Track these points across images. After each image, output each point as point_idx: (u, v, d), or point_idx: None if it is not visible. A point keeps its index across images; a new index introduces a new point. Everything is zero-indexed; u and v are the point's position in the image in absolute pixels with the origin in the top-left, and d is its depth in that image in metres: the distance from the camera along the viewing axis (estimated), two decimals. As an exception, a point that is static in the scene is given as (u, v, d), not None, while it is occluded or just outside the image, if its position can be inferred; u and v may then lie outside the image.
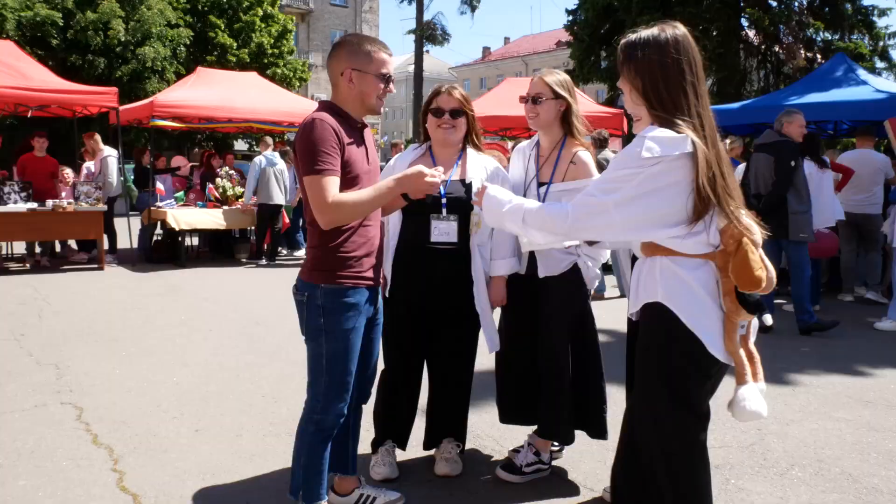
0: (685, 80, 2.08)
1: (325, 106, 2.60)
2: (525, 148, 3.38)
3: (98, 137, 10.71)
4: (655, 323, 2.14)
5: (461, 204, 3.07)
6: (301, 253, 11.40)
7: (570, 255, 3.11)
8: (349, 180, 2.52)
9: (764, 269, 2.04)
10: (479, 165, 3.17)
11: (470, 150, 3.21)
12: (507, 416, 3.43)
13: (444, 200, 3.04)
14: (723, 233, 2.06)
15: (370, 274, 2.64)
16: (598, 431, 3.25)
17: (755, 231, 2.10)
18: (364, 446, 3.22)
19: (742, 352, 2.11)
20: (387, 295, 3.10)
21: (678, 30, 2.13)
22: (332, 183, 2.43)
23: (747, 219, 2.10)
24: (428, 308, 3.14)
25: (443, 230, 3.05)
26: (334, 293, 2.54)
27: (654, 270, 2.14)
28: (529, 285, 3.18)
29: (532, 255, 3.15)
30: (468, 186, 3.08)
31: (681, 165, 2.01)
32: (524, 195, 3.09)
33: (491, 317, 3.19)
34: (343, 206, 2.43)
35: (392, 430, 3.29)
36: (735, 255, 2.04)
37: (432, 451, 3.41)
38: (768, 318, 6.19)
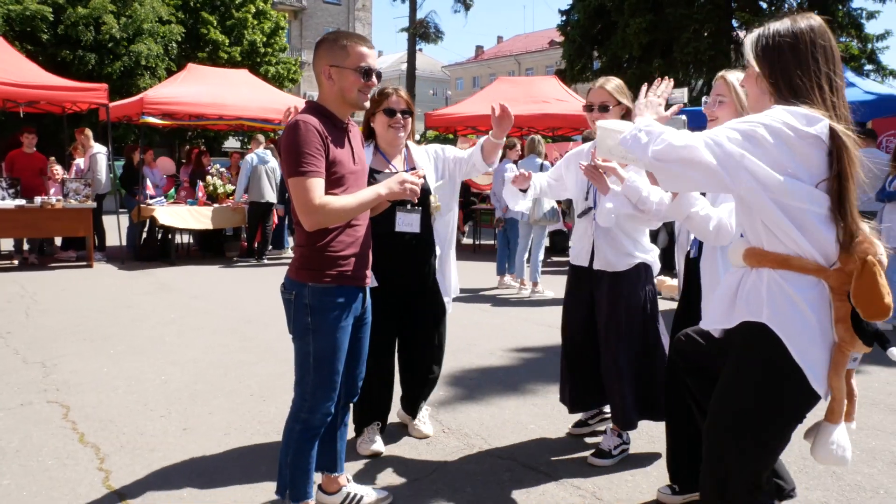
0: (819, 70, 1.89)
1: (310, 107, 2.60)
2: (577, 156, 3.60)
3: (89, 133, 10.66)
4: (754, 348, 1.90)
5: (422, 194, 3.28)
6: (289, 252, 11.36)
7: (626, 255, 3.38)
8: (335, 181, 2.51)
9: (891, 295, 1.78)
10: (421, 154, 3.54)
11: (409, 143, 3.53)
12: (574, 406, 3.68)
13: None
14: (843, 248, 1.80)
15: (358, 273, 2.64)
16: (654, 415, 3.46)
17: (881, 249, 1.83)
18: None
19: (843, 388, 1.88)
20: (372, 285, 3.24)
21: (813, 20, 1.96)
22: (317, 185, 2.42)
23: (872, 234, 1.85)
24: (397, 289, 3.43)
25: (406, 221, 3.37)
26: (322, 292, 2.54)
27: (760, 285, 1.89)
28: (592, 278, 3.47)
29: (593, 248, 3.44)
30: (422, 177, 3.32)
31: (811, 145, 1.79)
32: (586, 200, 3.47)
33: (453, 274, 3.69)
34: (328, 208, 2.43)
35: (373, 413, 3.54)
36: (860, 277, 1.76)
37: (418, 445, 3.41)
38: (895, 352, 5.38)
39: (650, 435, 3.80)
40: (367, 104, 2.67)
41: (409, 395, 3.77)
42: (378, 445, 3.49)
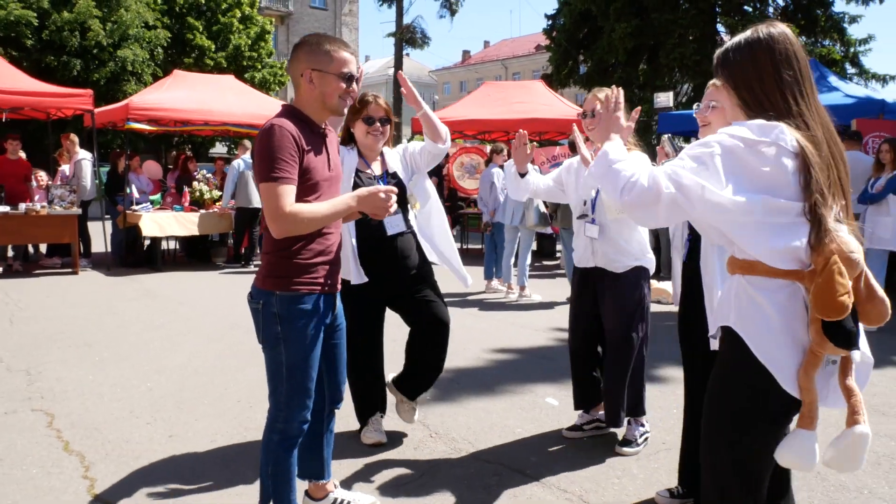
0: (781, 78, 1.88)
1: (286, 111, 2.54)
2: (575, 163, 3.76)
3: (75, 139, 10.59)
4: (728, 352, 1.94)
5: (399, 194, 3.37)
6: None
7: (625, 256, 3.56)
8: (308, 188, 2.46)
9: (849, 294, 1.76)
10: (394, 155, 3.69)
11: (385, 148, 3.67)
12: (580, 404, 3.84)
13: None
14: (813, 250, 1.80)
15: (329, 280, 2.58)
16: (638, 412, 3.69)
17: (853, 247, 1.81)
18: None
19: (843, 392, 1.85)
20: (354, 284, 3.44)
21: (773, 28, 1.94)
22: (288, 192, 2.36)
23: (847, 234, 1.84)
24: (400, 288, 3.59)
25: (394, 223, 3.53)
26: (290, 300, 2.48)
27: (730, 291, 1.95)
28: (596, 279, 3.65)
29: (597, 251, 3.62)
30: (395, 174, 3.59)
31: (775, 155, 1.79)
32: (584, 205, 3.66)
33: (457, 258, 3.83)
34: (298, 217, 2.36)
35: (373, 405, 3.73)
36: (819, 276, 1.77)
37: (405, 450, 3.41)
38: (857, 356, 4.94)
39: (637, 437, 3.82)
40: (346, 111, 2.64)
41: (416, 379, 3.76)
42: (380, 435, 3.67)
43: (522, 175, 3.69)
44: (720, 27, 20.83)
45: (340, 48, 2.50)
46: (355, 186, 3.41)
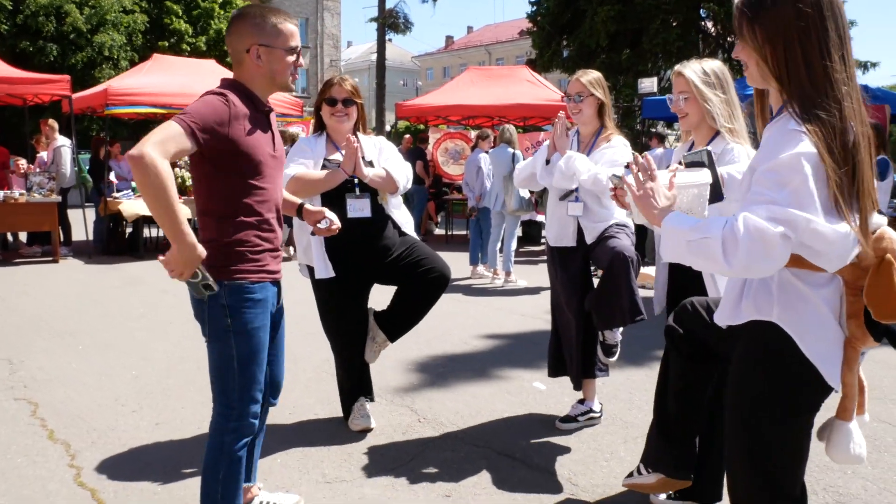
0: (830, 42, 1.62)
1: (230, 84, 2.38)
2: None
3: (54, 124, 10.39)
4: (762, 343, 1.81)
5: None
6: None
7: (604, 221, 3.57)
8: (254, 166, 2.34)
9: None
10: (370, 144, 3.64)
11: (360, 134, 3.60)
12: (553, 371, 3.89)
13: (356, 181, 3.45)
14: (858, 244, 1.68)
15: (274, 266, 2.48)
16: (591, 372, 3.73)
17: None
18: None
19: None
20: (323, 276, 3.44)
21: None
22: (174, 134, 2.14)
23: (890, 229, 1.74)
24: (379, 271, 3.56)
25: (357, 206, 3.47)
26: (240, 290, 2.34)
27: (771, 283, 1.77)
28: (582, 259, 3.66)
29: (580, 227, 3.62)
30: (369, 163, 3.52)
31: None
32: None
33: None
34: (153, 164, 2.06)
35: (360, 389, 3.74)
36: (876, 275, 1.68)
37: (394, 434, 3.41)
38: None
39: (624, 420, 3.84)
40: (294, 87, 2.53)
41: (398, 319, 3.66)
42: (368, 421, 3.67)
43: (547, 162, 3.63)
44: (703, 12, 20.86)
45: (286, 20, 2.40)
46: None
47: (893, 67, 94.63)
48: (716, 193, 2.11)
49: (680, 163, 1.89)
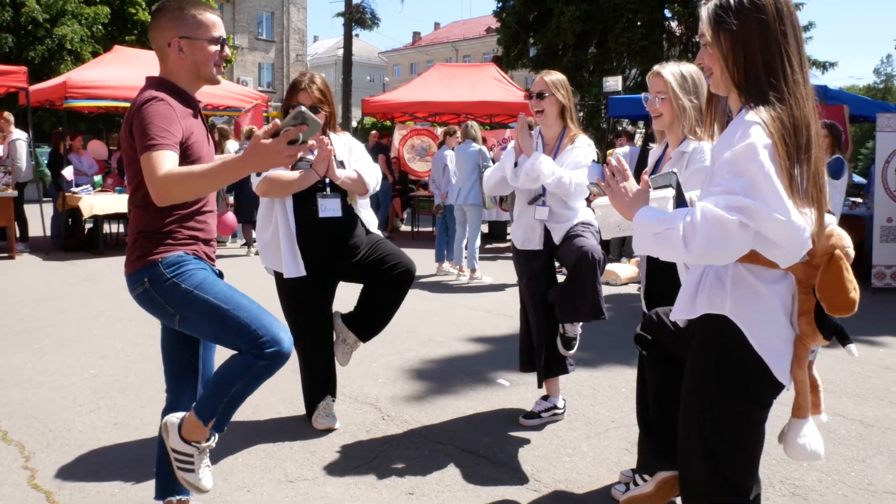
0: (789, 47, 1.71)
1: (156, 83, 2.33)
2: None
3: (10, 117, 10.09)
4: (713, 339, 1.84)
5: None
6: (236, 242, 11.12)
7: (569, 221, 3.61)
8: (194, 162, 2.29)
9: (857, 290, 1.74)
10: (340, 143, 3.63)
11: (331, 134, 3.58)
12: (525, 366, 3.90)
13: (327, 181, 3.45)
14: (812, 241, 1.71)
15: (208, 251, 2.43)
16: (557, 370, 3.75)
17: (848, 242, 1.77)
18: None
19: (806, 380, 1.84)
20: (293, 276, 3.43)
21: None
22: (164, 156, 2.13)
23: (839, 227, 1.79)
24: (344, 269, 3.57)
25: (329, 206, 3.49)
26: (176, 260, 2.28)
27: (725, 277, 1.80)
28: (547, 257, 3.69)
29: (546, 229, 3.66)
30: (340, 163, 3.52)
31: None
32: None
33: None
34: (170, 177, 2.11)
35: (324, 388, 3.71)
36: (826, 270, 1.72)
37: (357, 433, 3.39)
38: (853, 349, 4.74)
39: (586, 416, 3.88)
40: (220, 79, 2.47)
41: (368, 319, 3.68)
42: (332, 420, 3.66)
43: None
44: (667, 13, 21.12)
45: (205, 10, 2.34)
46: None
47: (851, 68, 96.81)
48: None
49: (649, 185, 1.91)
